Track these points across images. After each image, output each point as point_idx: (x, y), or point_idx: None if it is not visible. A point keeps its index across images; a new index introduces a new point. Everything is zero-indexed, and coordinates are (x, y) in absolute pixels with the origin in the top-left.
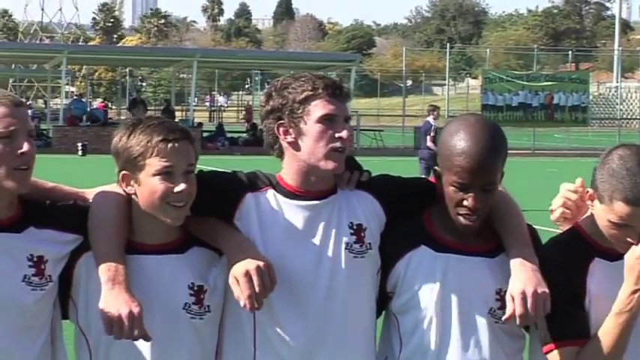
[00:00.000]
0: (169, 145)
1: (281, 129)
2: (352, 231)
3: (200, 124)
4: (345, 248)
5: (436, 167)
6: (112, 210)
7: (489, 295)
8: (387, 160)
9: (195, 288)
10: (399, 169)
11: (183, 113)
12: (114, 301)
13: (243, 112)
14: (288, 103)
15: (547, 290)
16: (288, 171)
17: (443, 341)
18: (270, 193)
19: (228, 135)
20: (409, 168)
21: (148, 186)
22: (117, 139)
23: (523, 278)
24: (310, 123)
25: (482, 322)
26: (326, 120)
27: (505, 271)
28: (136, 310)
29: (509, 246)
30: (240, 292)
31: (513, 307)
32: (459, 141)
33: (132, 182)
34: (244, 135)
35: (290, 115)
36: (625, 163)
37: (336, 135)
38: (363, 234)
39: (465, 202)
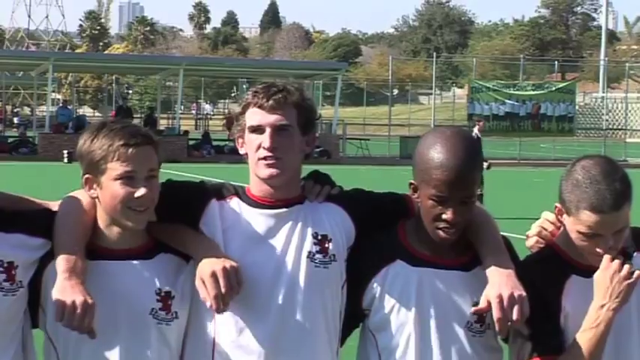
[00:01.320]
0: (130, 149)
1: (239, 140)
2: (316, 241)
3: (186, 132)
4: (307, 257)
5: (412, 181)
6: (75, 209)
7: (466, 309)
8: (372, 169)
9: (163, 294)
10: (384, 178)
11: (170, 121)
12: (69, 289)
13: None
14: (237, 115)
15: (524, 293)
16: (251, 180)
17: (422, 356)
18: (235, 202)
19: (214, 143)
20: (395, 177)
21: (109, 190)
22: (81, 143)
23: (499, 282)
24: (247, 133)
25: (460, 336)
26: (253, 131)
27: (481, 284)
28: (90, 301)
29: (484, 254)
30: (207, 293)
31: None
32: (437, 154)
33: (95, 186)
34: (230, 143)
35: (237, 127)
36: (588, 172)
37: (262, 145)
38: (327, 244)
39: (444, 216)
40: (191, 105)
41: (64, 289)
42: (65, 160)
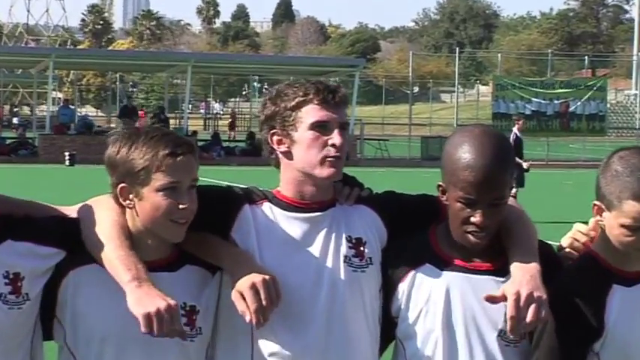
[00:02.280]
0: (177, 159)
1: (274, 138)
2: (351, 244)
3: (194, 133)
4: (344, 261)
5: (440, 182)
6: (113, 215)
7: (498, 316)
8: (392, 172)
9: (187, 308)
10: (405, 181)
11: (177, 121)
12: (146, 296)
13: (229, 120)
14: (280, 111)
15: (544, 296)
16: (284, 182)
17: None
18: (267, 206)
19: (225, 144)
20: (416, 180)
21: (151, 201)
22: (114, 150)
23: (520, 280)
24: (302, 130)
25: (491, 346)
26: (318, 127)
27: None
28: (173, 302)
29: (512, 254)
30: (246, 307)
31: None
32: (464, 154)
33: (131, 196)
34: (241, 144)
35: (282, 124)
36: (627, 161)
37: (329, 142)
38: (362, 248)
39: (473, 219)
40: (199, 104)
41: (140, 299)
42: (67, 162)
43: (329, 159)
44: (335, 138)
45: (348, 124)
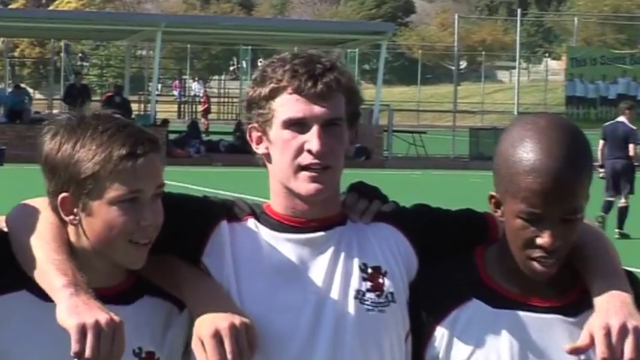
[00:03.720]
0: (138, 161)
1: (254, 134)
2: (365, 275)
3: (165, 122)
4: (356, 298)
5: (493, 193)
6: (49, 217)
7: None
8: (430, 175)
9: (144, 355)
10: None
11: (141, 105)
12: (83, 306)
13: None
14: (256, 99)
15: None
16: (272, 193)
17: None
18: (252, 224)
19: (205, 137)
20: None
21: (103, 217)
22: (53, 146)
23: (607, 309)
24: (276, 128)
25: None
26: (292, 125)
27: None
28: (117, 318)
29: (592, 278)
30: None
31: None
32: (527, 153)
33: (76, 210)
34: (227, 137)
35: (259, 116)
36: None
37: (305, 147)
38: (381, 280)
39: (539, 240)
40: (172, 83)
41: (74, 307)
42: None
43: (305, 170)
44: (312, 141)
45: (341, 119)
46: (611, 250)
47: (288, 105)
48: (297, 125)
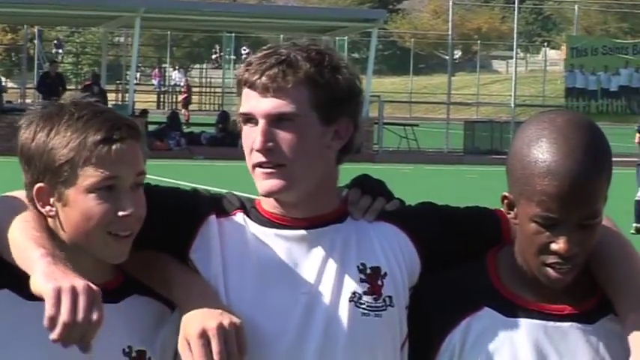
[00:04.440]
0: (114, 147)
1: (239, 123)
2: (363, 276)
3: (144, 112)
4: (351, 300)
5: (506, 193)
6: (28, 208)
7: None
8: (423, 170)
9: (134, 354)
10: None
11: (119, 95)
12: (60, 272)
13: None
14: (237, 93)
15: None
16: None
17: None
18: (241, 219)
19: (186, 129)
20: (455, 182)
21: (80, 207)
22: (28, 135)
23: None
24: (241, 123)
25: None
26: (248, 121)
27: (609, 344)
28: (95, 287)
29: (623, 307)
30: None
31: None
32: (543, 154)
33: (52, 200)
34: (210, 129)
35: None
36: None
37: (253, 145)
38: (380, 282)
39: (554, 246)
40: (151, 72)
41: (53, 272)
42: None
43: (257, 168)
44: (256, 138)
45: (293, 114)
46: (632, 252)
47: (243, 99)
48: (251, 121)
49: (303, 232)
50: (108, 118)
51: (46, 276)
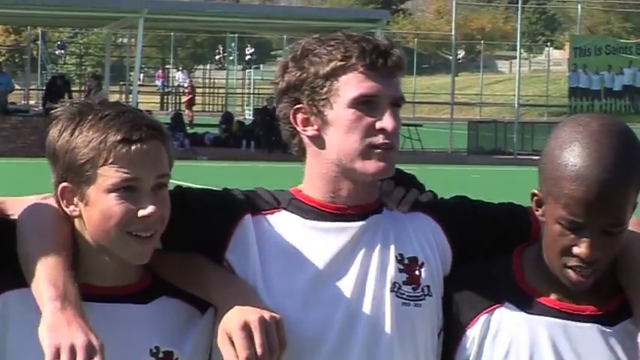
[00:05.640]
0: (133, 147)
1: (299, 116)
2: (402, 267)
3: (147, 113)
4: (392, 290)
5: (535, 191)
6: (52, 219)
7: None
8: (426, 170)
9: (161, 355)
10: (444, 183)
11: (122, 96)
12: (65, 325)
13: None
14: (308, 79)
15: None
16: (311, 177)
17: None
18: (281, 216)
19: (190, 130)
20: (459, 181)
21: (100, 207)
22: (54, 135)
23: None
24: (339, 107)
25: None
26: (362, 103)
27: (629, 347)
28: (96, 342)
29: (637, 307)
30: (234, 355)
31: None
32: (574, 158)
33: (75, 200)
34: (213, 130)
35: (311, 97)
36: None
37: (377, 126)
38: (418, 272)
39: (576, 250)
40: (155, 73)
41: (56, 325)
42: None
43: (376, 150)
44: (385, 120)
45: (404, 99)
46: None
47: (357, 82)
48: (366, 104)
49: (349, 224)
50: (129, 119)
51: (49, 329)
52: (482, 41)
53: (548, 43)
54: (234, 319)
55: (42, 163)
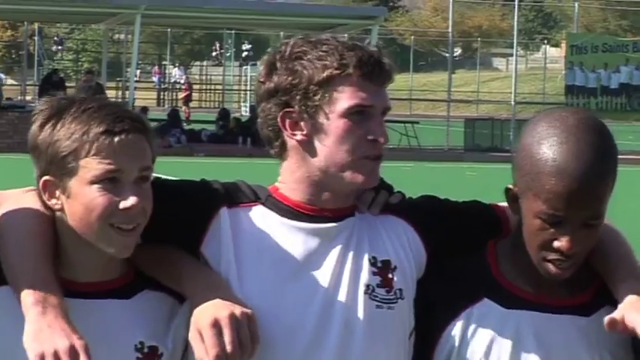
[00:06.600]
0: (116, 139)
1: (288, 120)
2: (376, 269)
3: (144, 110)
4: (365, 293)
5: (510, 186)
6: (32, 219)
7: None
8: (423, 167)
9: (146, 350)
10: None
11: (119, 92)
12: (47, 330)
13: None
14: (301, 84)
15: None
16: (292, 179)
17: None
18: (257, 211)
19: (186, 126)
20: (456, 179)
21: (82, 199)
22: (36, 129)
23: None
24: (332, 116)
25: None
26: (355, 113)
27: (604, 336)
28: (79, 343)
29: (615, 280)
30: (205, 352)
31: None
32: (554, 153)
33: (57, 193)
34: (210, 127)
35: (303, 102)
36: None
37: (368, 137)
38: (391, 275)
39: (556, 243)
40: (152, 69)
41: (38, 332)
42: None
43: (366, 160)
44: (377, 131)
45: (390, 108)
46: (627, 247)
47: (353, 92)
48: (359, 114)
49: (324, 225)
50: (112, 111)
51: (32, 337)
52: (479, 39)
53: (545, 41)
54: (205, 315)
55: None
